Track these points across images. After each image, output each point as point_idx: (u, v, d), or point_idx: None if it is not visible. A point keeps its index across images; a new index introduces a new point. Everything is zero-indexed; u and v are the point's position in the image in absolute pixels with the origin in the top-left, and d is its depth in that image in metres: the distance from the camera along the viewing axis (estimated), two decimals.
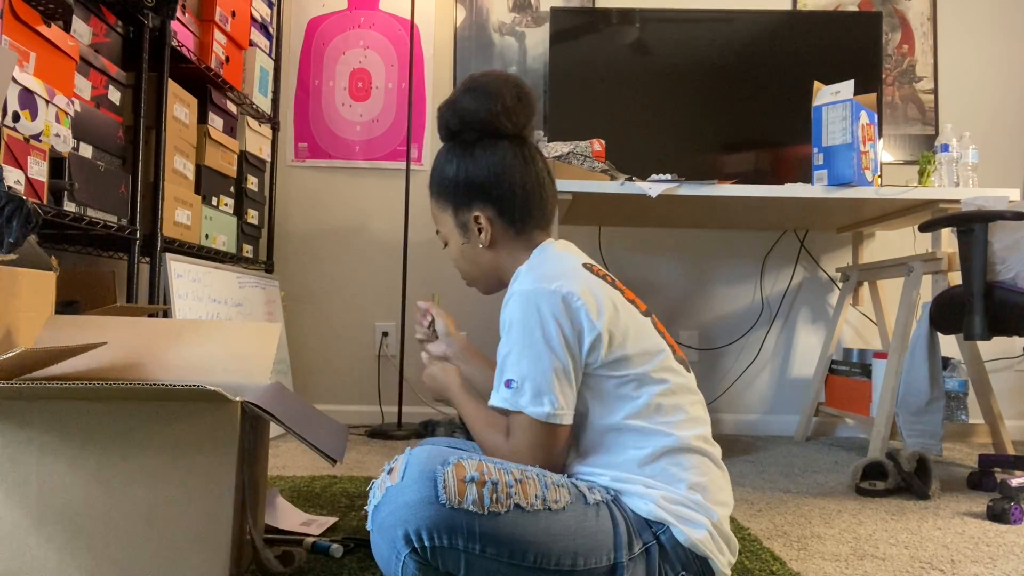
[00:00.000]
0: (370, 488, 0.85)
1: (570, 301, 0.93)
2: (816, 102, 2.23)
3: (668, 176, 2.22)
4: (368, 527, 0.83)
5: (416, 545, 0.80)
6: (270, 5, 2.77)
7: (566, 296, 0.93)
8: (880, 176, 2.30)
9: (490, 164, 1.06)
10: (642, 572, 0.89)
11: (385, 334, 2.89)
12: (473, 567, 0.82)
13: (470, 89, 1.07)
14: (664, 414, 0.96)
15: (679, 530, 0.90)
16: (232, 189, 2.48)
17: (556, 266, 1.00)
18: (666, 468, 0.94)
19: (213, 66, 2.26)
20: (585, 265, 1.02)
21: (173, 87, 2.05)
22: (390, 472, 0.84)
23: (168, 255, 2.02)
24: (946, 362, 2.40)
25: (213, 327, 1.26)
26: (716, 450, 1.01)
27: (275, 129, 2.86)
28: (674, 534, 0.90)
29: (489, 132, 1.07)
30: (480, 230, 1.07)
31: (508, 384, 0.94)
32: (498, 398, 0.95)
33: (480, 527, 0.81)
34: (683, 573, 0.91)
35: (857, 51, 2.71)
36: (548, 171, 1.10)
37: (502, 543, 0.82)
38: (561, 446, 0.95)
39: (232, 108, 2.46)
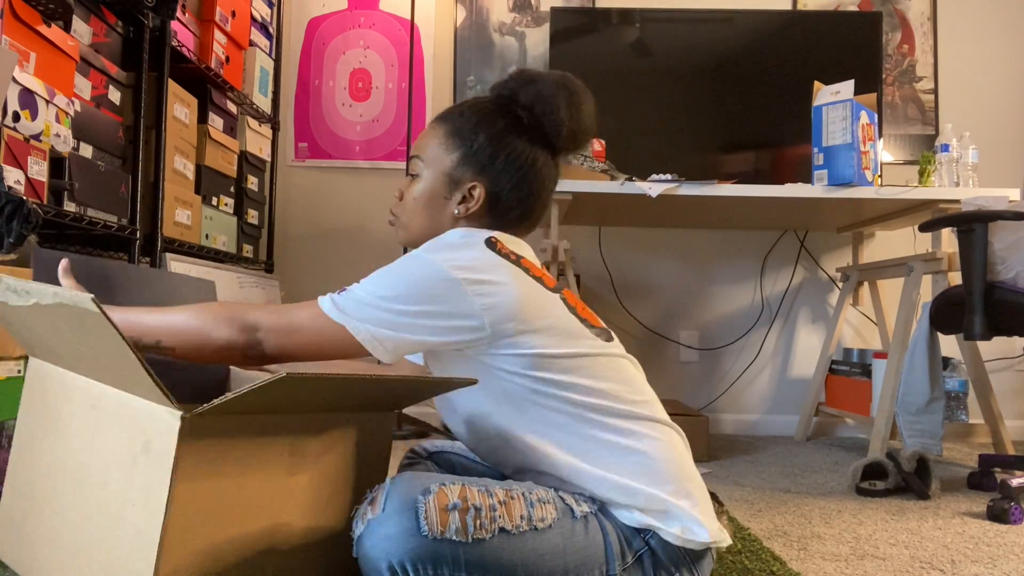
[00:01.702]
0: (354, 514, 0.83)
1: (475, 293, 0.87)
2: (816, 102, 2.23)
3: (668, 176, 2.22)
4: (354, 555, 0.82)
5: None
6: (270, 5, 2.77)
7: (471, 283, 0.87)
8: (880, 176, 2.30)
9: (528, 158, 1.00)
10: None
11: None
12: None
13: (564, 88, 1.01)
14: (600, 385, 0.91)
15: (666, 531, 0.88)
16: (232, 189, 2.48)
17: (476, 255, 0.91)
18: (630, 457, 0.90)
19: (213, 66, 2.26)
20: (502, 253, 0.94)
21: (173, 87, 2.05)
22: (371, 503, 0.81)
23: (168, 255, 2.02)
24: (946, 362, 2.40)
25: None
26: (660, 409, 0.97)
27: (275, 129, 2.86)
28: (663, 537, 0.88)
29: (545, 135, 1.01)
30: (465, 199, 1.00)
31: (340, 291, 0.90)
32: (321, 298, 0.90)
33: (465, 555, 0.79)
34: (675, 570, 0.89)
35: (857, 51, 2.71)
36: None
37: (489, 570, 0.80)
38: (311, 350, 0.89)
39: (232, 108, 2.46)
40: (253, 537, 0.80)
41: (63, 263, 0.94)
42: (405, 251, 2.69)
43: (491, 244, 0.93)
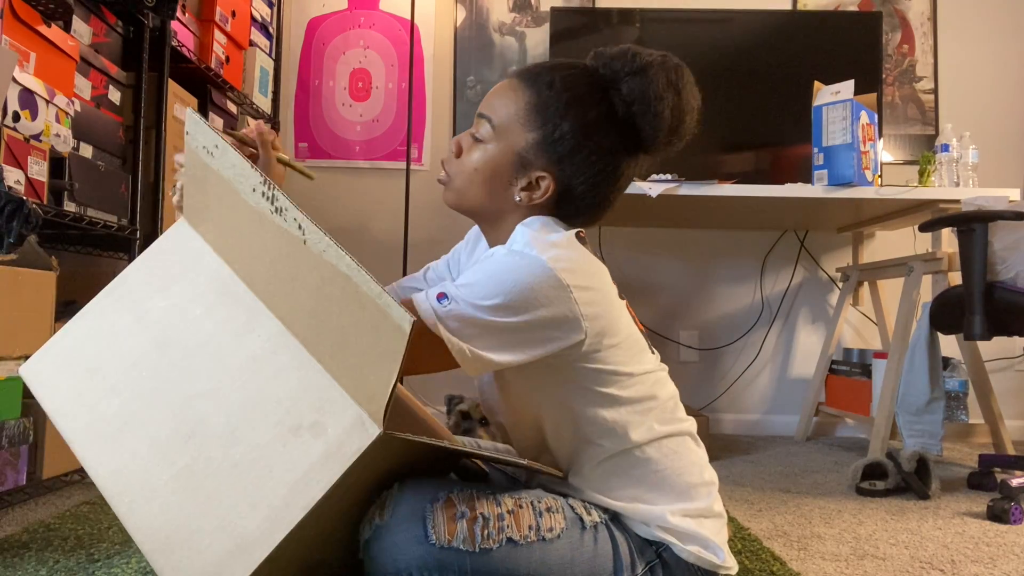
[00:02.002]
0: (362, 518, 0.82)
1: (581, 306, 0.82)
2: (816, 102, 2.23)
3: (668, 176, 2.22)
4: (360, 557, 0.81)
5: None
6: (270, 5, 2.77)
7: (578, 296, 0.81)
8: (880, 176, 2.30)
9: (612, 161, 0.90)
10: None
11: None
12: None
13: (672, 87, 0.89)
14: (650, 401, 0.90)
15: (680, 548, 0.87)
16: None
17: (578, 260, 0.84)
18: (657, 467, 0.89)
19: (213, 66, 2.26)
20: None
21: (173, 87, 2.05)
22: (380, 508, 0.79)
23: None
24: (946, 362, 2.40)
25: None
26: (692, 424, 0.96)
27: (275, 129, 2.86)
28: (675, 552, 0.87)
29: (638, 133, 0.90)
30: (531, 186, 0.91)
31: (440, 297, 0.79)
32: (419, 298, 0.80)
33: (472, 565, 0.78)
34: None
35: (857, 51, 2.71)
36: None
37: None
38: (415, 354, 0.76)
39: (232, 108, 2.46)
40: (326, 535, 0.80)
41: None
42: (404, 260, 2.70)
43: (581, 240, 0.89)
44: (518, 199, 0.91)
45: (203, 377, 0.80)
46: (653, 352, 0.96)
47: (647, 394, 0.89)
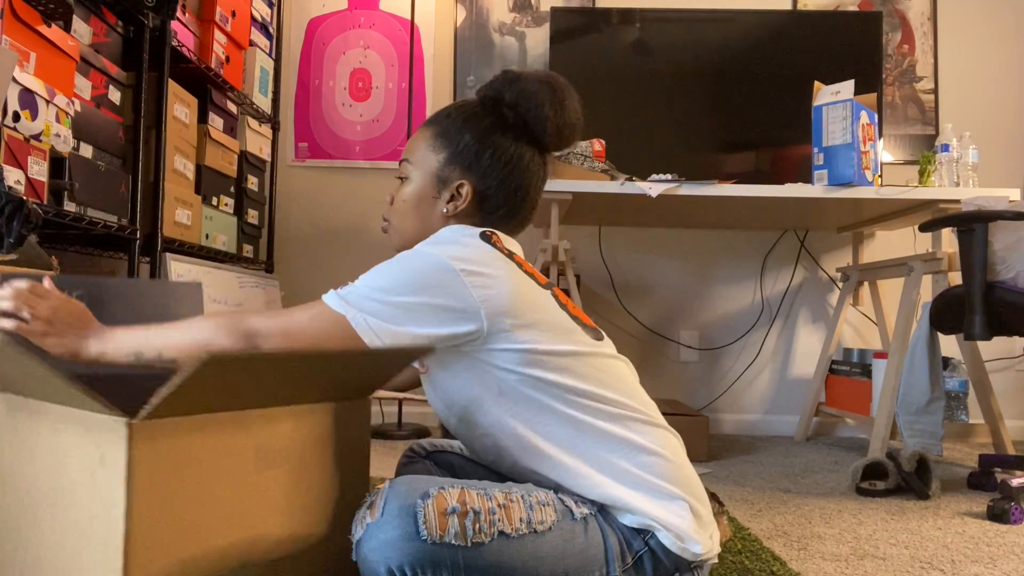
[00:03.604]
0: (354, 519, 0.83)
1: (469, 283, 0.88)
2: (816, 102, 2.23)
3: (668, 176, 2.22)
4: (353, 559, 0.82)
5: None
6: (270, 5, 2.77)
7: (466, 275, 0.88)
8: (880, 176, 2.30)
9: (515, 155, 1.01)
10: None
11: None
12: None
13: (546, 84, 1.01)
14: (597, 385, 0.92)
15: (664, 534, 0.88)
16: (232, 189, 2.48)
17: (470, 248, 0.92)
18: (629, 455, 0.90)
19: (213, 66, 2.26)
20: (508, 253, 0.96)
21: (173, 87, 2.05)
22: (370, 507, 0.81)
23: (168, 255, 2.02)
24: (946, 362, 2.40)
25: None
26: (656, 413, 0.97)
27: (275, 129, 2.86)
28: (660, 539, 0.88)
29: (531, 133, 1.02)
30: (453, 197, 1.01)
31: (342, 288, 0.90)
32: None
33: (464, 559, 0.79)
34: (676, 574, 0.89)
35: (857, 51, 2.71)
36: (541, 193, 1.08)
37: (488, 573, 0.80)
38: (311, 342, 0.88)
39: (232, 108, 2.46)
40: (227, 540, 0.79)
41: (45, 281, 0.93)
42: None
43: (486, 238, 0.94)
44: (445, 211, 1.02)
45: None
46: (600, 338, 0.97)
47: (581, 375, 0.91)
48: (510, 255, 0.94)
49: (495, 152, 1.00)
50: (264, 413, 0.83)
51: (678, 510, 0.90)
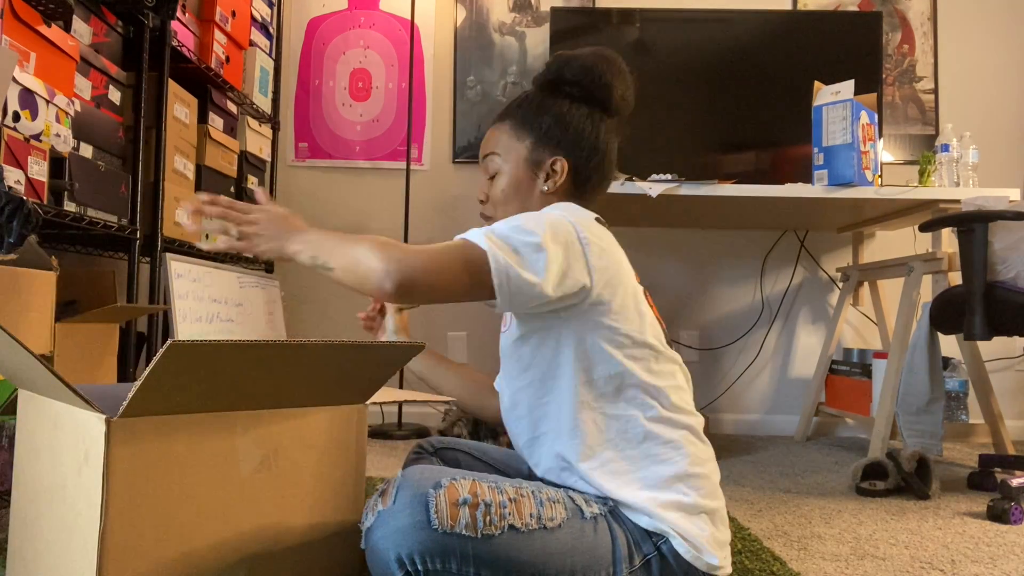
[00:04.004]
0: (365, 507, 0.84)
1: (597, 244, 0.93)
2: (816, 102, 2.23)
3: (668, 176, 2.22)
4: (362, 547, 0.82)
5: (409, 569, 0.78)
6: (270, 5, 2.77)
7: (599, 242, 0.93)
8: (880, 176, 2.30)
9: (594, 124, 1.06)
10: None
11: None
12: None
13: (602, 58, 1.07)
14: (653, 380, 0.94)
15: (679, 542, 0.88)
16: (232, 189, 2.48)
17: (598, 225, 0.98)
18: (651, 450, 0.92)
19: (213, 66, 2.26)
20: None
21: (173, 87, 2.05)
22: (382, 495, 0.82)
23: (168, 255, 2.02)
24: (946, 362, 2.40)
25: None
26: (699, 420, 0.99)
27: (275, 129, 2.86)
28: (674, 545, 0.88)
29: (599, 101, 1.07)
30: (550, 175, 1.05)
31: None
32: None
33: (474, 550, 0.79)
34: None
35: (857, 51, 2.70)
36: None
37: (497, 566, 0.80)
38: (474, 290, 0.87)
39: (232, 108, 2.46)
40: (209, 540, 0.79)
41: (257, 193, 1.02)
42: None
43: (600, 222, 1.00)
44: (546, 188, 1.06)
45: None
46: (669, 344, 1.00)
47: (648, 370, 0.94)
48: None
49: (577, 126, 1.05)
50: (253, 415, 0.83)
51: (700, 523, 0.90)
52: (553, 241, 0.88)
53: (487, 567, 0.80)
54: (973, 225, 1.79)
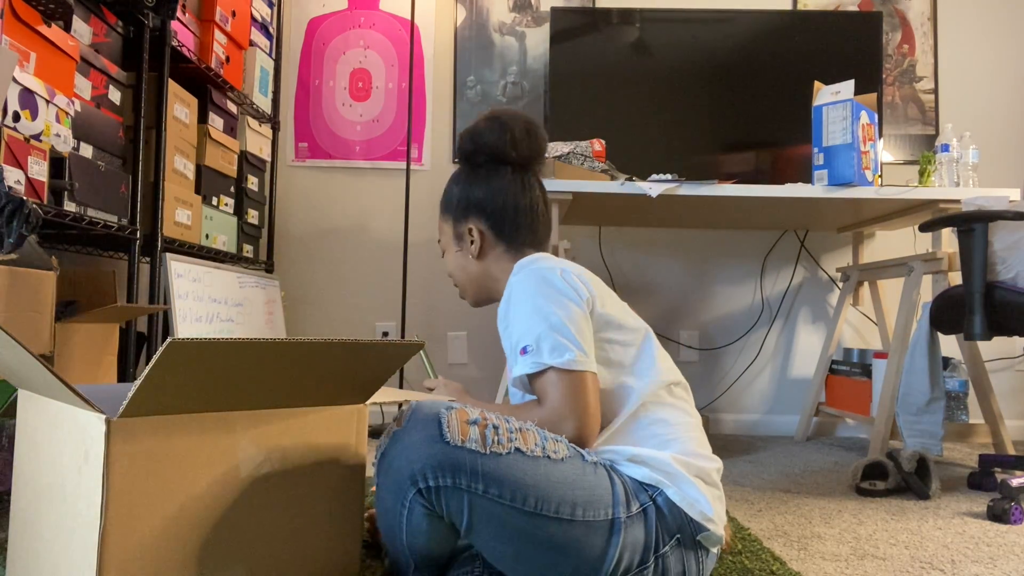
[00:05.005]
0: (380, 438, 0.91)
1: (566, 275, 1.04)
2: (816, 102, 2.23)
3: (668, 176, 2.22)
4: (375, 477, 0.87)
5: (421, 486, 0.83)
6: (270, 5, 2.76)
7: (563, 271, 1.04)
8: (880, 176, 2.30)
9: (489, 183, 1.16)
10: (640, 534, 0.91)
11: (385, 334, 2.89)
12: (476, 511, 0.84)
13: (488, 119, 1.18)
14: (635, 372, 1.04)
15: (673, 491, 0.93)
16: (232, 189, 2.48)
17: (550, 260, 1.09)
18: (650, 428, 1.00)
19: (213, 66, 2.26)
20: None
21: (173, 87, 2.05)
22: (397, 420, 0.88)
23: (168, 255, 2.02)
24: (946, 362, 2.40)
25: None
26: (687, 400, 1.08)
27: (275, 129, 2.86)
28: (668, 495, 0.93)
29: (496, 158, 1.17)
30: (472, 241, 1.17)
31: (524, 351, 0.98)
32: (518, 368, 0.99)
33: (482, 466, 0.84)
34: (678, 535, 0.93)
35: (857, 51, 2.71)
36: (544, 200, 1.20)
37: (504, 484, 0.84)
38: (593, 397, 0.97)
39: (232, 108, 2.46)
40: (208, 539, 0.79)
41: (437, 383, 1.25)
42: (405, 260, 2.70)
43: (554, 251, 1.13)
44: (473, 255, 1.18)
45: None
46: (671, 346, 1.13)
47: (640, 354, 1.05)
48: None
49: (476, 187, 1.17)
50: (253, 415, 0.84)
51: (693, 476, 0.96)
52: (558, 303, 1.01)
53: (495, 484, 0.84)
54: (973, 225, 1.79)
